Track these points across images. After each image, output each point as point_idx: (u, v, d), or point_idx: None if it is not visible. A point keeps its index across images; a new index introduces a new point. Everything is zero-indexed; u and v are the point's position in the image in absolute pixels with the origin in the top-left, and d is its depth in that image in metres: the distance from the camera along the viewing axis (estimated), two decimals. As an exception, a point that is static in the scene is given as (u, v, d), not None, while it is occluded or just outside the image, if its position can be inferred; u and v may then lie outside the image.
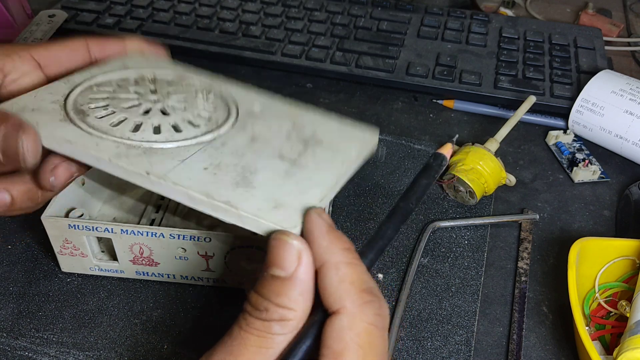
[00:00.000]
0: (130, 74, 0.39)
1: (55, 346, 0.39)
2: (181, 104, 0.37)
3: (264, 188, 0.32)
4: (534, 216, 0.49)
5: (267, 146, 0.35)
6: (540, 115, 0.60)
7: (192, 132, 0.35)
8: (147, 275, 0.43)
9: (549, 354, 0.40)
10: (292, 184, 0.32)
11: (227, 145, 0.35)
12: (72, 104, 0.36)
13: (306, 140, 0.35)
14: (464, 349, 0.40)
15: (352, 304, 0.26)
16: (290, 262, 0.27)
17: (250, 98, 0.39)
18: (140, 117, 0.35)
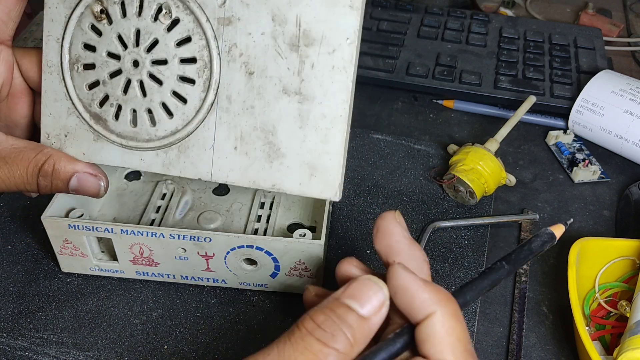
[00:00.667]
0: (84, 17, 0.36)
1: (55, 346, 0.39)
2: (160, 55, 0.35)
3: (291, 151, 0.35)
4: (534, 216, 0.49)
5: (266, 79, 0.34)
6: (540, 115, 0.60)
7: (195, 94, 0.35)
8: (147, 275, 0.43)
9: (549, 354, 0.40)
10: (311, 131, 0.34)
11: (233, 99, 0.35)
12: (84, 108, 0.37)
13: (295, 43, 0.34)
14: (464, 349, 0.40)
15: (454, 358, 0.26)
16: (373, 306, 0.27)
17: None
18: (143, 100, 0.36)
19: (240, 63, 0.34)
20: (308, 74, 0.34)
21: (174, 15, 0.35)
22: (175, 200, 0.47)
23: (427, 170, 0.53)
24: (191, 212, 0.46)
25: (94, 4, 0.36)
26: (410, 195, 0.51)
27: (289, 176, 0.35)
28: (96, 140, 0.38)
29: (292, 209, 0.47)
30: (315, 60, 0.33)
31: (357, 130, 0.58)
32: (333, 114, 0.34)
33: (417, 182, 0.52)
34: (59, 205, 0.42)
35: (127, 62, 0.36)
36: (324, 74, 0.33)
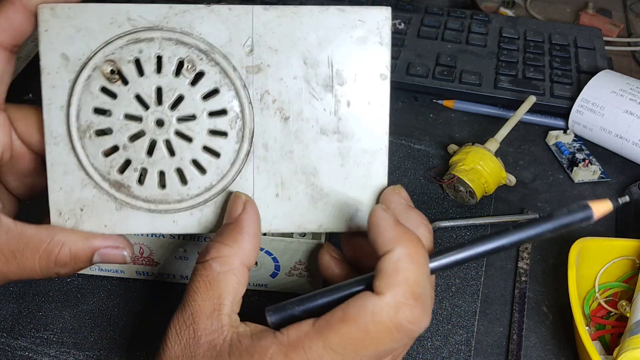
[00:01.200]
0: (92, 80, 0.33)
1: (55, 346, 0.39)
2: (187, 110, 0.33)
3: (334, 191, 0.34)
4: (534, 216, 0.49)
5: (302, 123, 0.33)
6: (540, 115, 0.60)
7: (229, 147, 0.33)
8: (147, 275, 0.43)
9: (549, 354, 0.40)
10: (354, 168, 0.34)
11: (269, 147, 0.33)
12: (101, 178, 0.33)
13: (329, 84, 0.33)
14: (464, 348, 0.40)
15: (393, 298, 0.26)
16: (236, 210, 0.31)
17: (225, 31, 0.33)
18: (171, 160, 0.33)
19: (274, 109, 0.33)
20: (345, 112, 0.33)
21: (198, 68, 0.32)
22: None
23: (427, 170, 0.53)
24: None
25: (104, 64, 0.32)
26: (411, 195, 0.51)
27: (335, 215, 0.34)
28: (119, 209, 0.34)
29: None
30: (350, 99, 0.33)
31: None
32: (373, 148, 0.34)
33: (417, 182, 0.52)
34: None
35: (150, 122, 0.33)
36: (361, 111, 0.33)
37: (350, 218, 0.34)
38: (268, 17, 0.33)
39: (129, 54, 0.32)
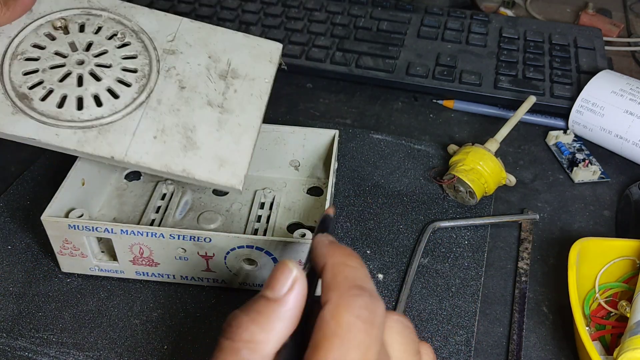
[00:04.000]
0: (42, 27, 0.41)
1: (55, 346, 0.39)
2: (106, 61, 0.41)
3: (206, 145, 0.39)
4: (534, 216, 0.49)
5: (195, 94, 0.41)
6: (540, 116, 0.60)
7: (128, 94, 0.40)
8: (147, 275, 0.43)
9: (549, 354, 0.40)
10: (227, 134, 0.40)
11: (162, 102, 0.40)
12: (11, 88, 0.39)
13: (224, 75, 0.42)
14: (464, 349, 0.40)
15: (338, 296, 0.25)
16: (282, 286, 0.26)
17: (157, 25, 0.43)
18: (77, 89, 0.39)
19: (176, 80, 0.41)
20: (231, 95, 0.41)
21: (126, 39, 0.42)
22: (175, 200, 0.47)
23: (427, 171, 0.53)
24: (191, 212, 0.46)
25: (56, 20, 0.41)
26: (410, 196, 0.51)
27: (200, 165, 0.39)
28: (14, 114, 0.38)
29: (292, 209, 0.47)
30: (238, 88, 0.42)
31: (357, 130, 0.58)
32: (247, 125, 0.41)
33: (417, 182, 0.52)
34: (58, 205, 0.42)
35: (72, 60, 0.40)
36: (244, 97, 0.41)
37: (211, 171, 0.39)
38: (192, 26, 0.44)
39: (79, 19, 0.42)
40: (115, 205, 0.47)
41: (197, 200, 0.47)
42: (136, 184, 0.49)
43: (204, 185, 0.39)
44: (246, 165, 0.40)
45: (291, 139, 0.48)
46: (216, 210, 0.46)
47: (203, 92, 0.41)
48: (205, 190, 0.48)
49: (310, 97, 0.62)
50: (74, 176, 0.43)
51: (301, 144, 0.49)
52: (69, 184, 0.43)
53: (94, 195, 0.46)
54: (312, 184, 0.50)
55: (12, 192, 0.50)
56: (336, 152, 0.48)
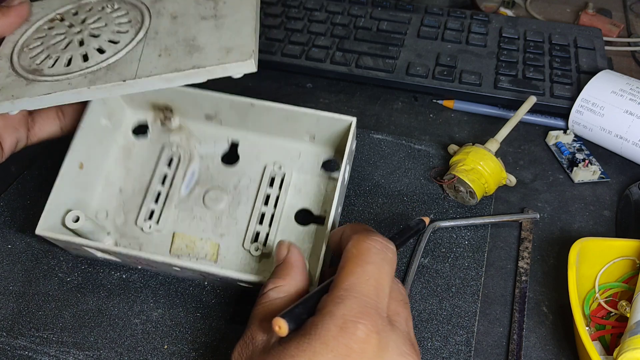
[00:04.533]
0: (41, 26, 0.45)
1: (55, 346, 0.39)
2: (101, 23, 0.44)
3: (209, 44, 0.40)
4: (535, 215, 0.49)
5: (187, 17, 0.43)
6: (540, 115, 0.60)
7: (126, 37, 0.42)
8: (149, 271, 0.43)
9: (549, 354, 0.41)
10: (227, 31, 0.41)
11: (159, 32, 0.42)
12: (22, 69, 0.41)
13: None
14: (464, 349, 0.40)
15: (357, 235, 0.33)
16: (282, 253, 0.37)
17: None
18: (80, 49, 0.42)
19: (168, 15, 0.43)
20: (221, 6, 0.43)
21: (116, 6, 0.45)
22: (182, 169, 0.46)
23: (428, 171, 0.53)
24: (198, 187, 0.46)
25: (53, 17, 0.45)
26: (411, 196, 0.51)
27: (208, 57, 0.40)
28: (28, 84, 0.40)
29: (302, 191, 0.46)
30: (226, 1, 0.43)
31: (357, 130, 0.57)
32: (243, 18, 0.42)
33: (418, 182, 0.52)
34: (54, 204, 0.41)
35: (71, 32, 0.44)
36: (234, 2, 0.43)
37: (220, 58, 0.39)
38: None
39: (72, 10, 0.46)
40: (121, 172, 0.46)
41: (205, 172, 0.46)
42: (143, 143, 0.47)
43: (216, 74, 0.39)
44: (252, 44, 0.40)
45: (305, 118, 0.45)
46: (223, 187, 0.45)
47: (195, 13, 0.43)
48: (214, 158, 0.47)
49: (310, 97, 0.62)
50: (69, 163, 0.42)
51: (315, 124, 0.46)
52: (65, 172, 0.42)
53: (91, 182, 0.45)
54: (328, 157, 0.47)
55: (12, 192, 0.50)
56: (353, 136, 0.44)
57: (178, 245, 0.44)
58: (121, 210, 0.45)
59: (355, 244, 0.33)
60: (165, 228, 0.45)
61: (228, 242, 0.44)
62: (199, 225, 0.45)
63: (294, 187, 0.46)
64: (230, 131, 0.48)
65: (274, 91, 0.42)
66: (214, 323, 0.41)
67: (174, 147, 0.47)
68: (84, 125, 0.43)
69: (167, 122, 0.48)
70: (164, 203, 0.45)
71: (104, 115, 0.45)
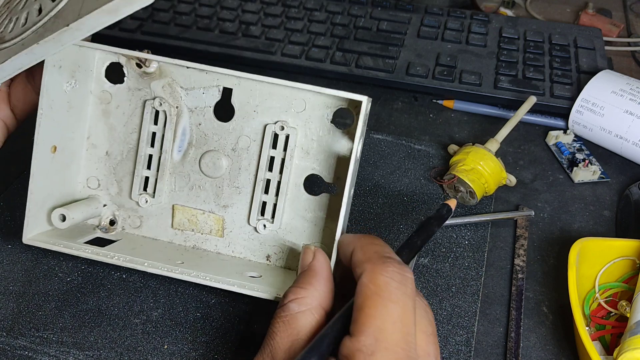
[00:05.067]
0: None
1: (55, 346, 0.39)
2: None
3: None
4: (529, 212, 0.49)
5: None
6: (540, 116, 0.60)
7: None
8: None
9: (549, 354, 0.41)
10: None
11: None
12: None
13: None
14: (464, 349, 0.40)
15: (372, 265, 0.30)
16: (307, 259, 0.35)
17: None
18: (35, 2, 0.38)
19: None
20: None
21: None
22: (171, 127, 0.41)
23: (428, 171, 0.53)
24: (192, 149, 0.42)
25: None
26: (411, 196, 0.51)
27: None
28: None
29: (310, 152, 0.41)
30: None
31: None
32: None
33: (418, 182, 0.52)
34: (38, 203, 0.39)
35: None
36: None
37: None
38: None
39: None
40: (104, 133, 0.43)
41: (196, 129, 0.41)
42: (121, 93, 0.42)
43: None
44: None
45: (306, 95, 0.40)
46: (220, 149, 0.41)
47: None
48: (204, 111, 0.41)
49: (311, 97, 0.62)
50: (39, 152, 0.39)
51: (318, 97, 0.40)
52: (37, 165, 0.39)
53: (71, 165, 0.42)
54: (339, 106, 0.40)
55: (12, 192, 0.50)
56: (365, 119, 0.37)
57: (179, 220, 0.42)
58: (113, 178, 0.43)
59: (372, 279, 0.29)
60: (163, 199, 0.42)
61: (232, 215, 0.42)
62: (199, 195, 0.42)
63: (301, 148, 0.40)
64: (219, 76, 0.40)
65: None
66: (214, 323, 0.41)
67: (157, 100, 0.41)
68: (44, 102, 0.38)
69: (143, 65, 0.41)
70: (157, 169, 0.42)
71: (65, 77, 0.40)
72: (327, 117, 0.40)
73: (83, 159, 0.43)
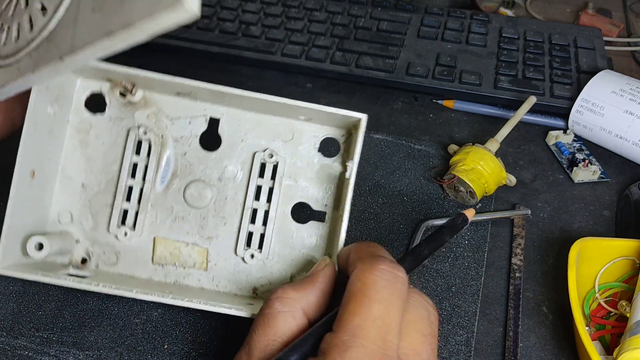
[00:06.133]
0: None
1: (55, 346, 0.39)
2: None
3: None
4: (526, 211, 0.49)
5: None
6: (540, 115, 0.60)
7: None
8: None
9: (549, 354, 0.41)
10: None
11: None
12: None
13: None
14: (464, 349, 0.40)
15: (362, 263, 0.29)
16: (317, 268, 0.33)
17: None
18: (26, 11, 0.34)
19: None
20: None
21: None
22: (155, 157, 0.40)
23: (428, 171, 0.54)
24: (176, 179, 0.40)
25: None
26: (411, 196, 0.51)
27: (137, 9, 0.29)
28: None
29: (298, 181, 0.40)
30: None
31: (357, 130, 0.58)
32: None
33: (418, 182, 0.52)
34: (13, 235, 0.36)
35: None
36: None
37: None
38: None
39: None
40: (80, 164, 0.40)
41: (181, 159, 0.40)
42: (102, 123, 0.40)
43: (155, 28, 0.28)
44: None
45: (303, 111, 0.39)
46: (205, 179, 0.40)
47: None
48: (190, 140, 0.40)
49: (310, 97, 0.62)
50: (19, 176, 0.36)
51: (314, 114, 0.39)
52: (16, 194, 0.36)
53: (47, 188, 0.39)
54: (326, 135, 0.40)
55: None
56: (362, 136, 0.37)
57: (161, 253, 0.40)
58: (88, 211, 0.40)
59: (360, 276, 0.29)
60: (144, 232, 0.40)
61: (217, 246, 0.40)
62: (182, 227, 0.40)
63: (288, 176, 0.40)
64: (207, 106, 0.40)
65: (273, 91, 0.41)
66: (214, 323, 0.41)
67: (142, 129, 0.40)
68: (29, 122, 0.36)
69: (128, 94, 0.39)
70: (138, 201, 0.40)
71: (49, 100, 0.38)
72: (314, 146, 0.40)
73: (56, 191, 0.40)
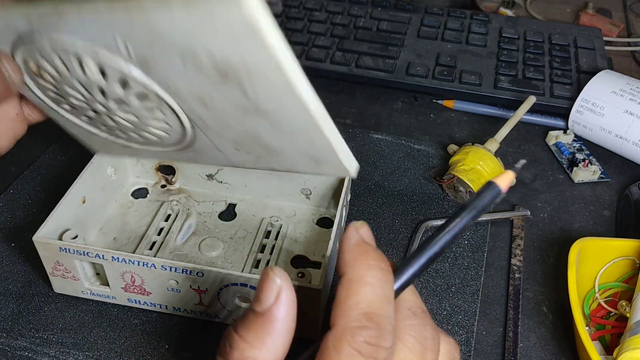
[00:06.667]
0: None
1: (55, 346, 0.39)
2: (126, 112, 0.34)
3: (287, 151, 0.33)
4: (525, 212, 0.49)
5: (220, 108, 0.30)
6: (540, 115, 0.60)
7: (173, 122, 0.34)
8: (138, 303, 0.41)
9: (549, 354, 0.40)
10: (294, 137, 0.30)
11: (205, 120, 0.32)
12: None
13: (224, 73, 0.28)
14: (463, 349, 0.40)
15: (344, 323, 0.23)
16: (268, 298, 0.24)
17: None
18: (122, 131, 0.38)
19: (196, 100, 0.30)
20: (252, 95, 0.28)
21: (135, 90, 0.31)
22: (179, 223, 0.47)
23: (427, 170, 0.53)
24: (194, 237, 0.46)
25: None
26: (410, 195, 0.51)
27: (297, 165, 0.34)
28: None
29: (298, 241, 0.46)
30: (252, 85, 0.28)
31: (357, 130, 0.58)
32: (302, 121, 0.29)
33: (417, 182, 0.52)
34: (53, 224, 0.40)
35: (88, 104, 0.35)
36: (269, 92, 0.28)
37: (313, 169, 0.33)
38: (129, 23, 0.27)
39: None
40: (117, 225, 0.47)
41: (202, 225, 0.47)
42: (142, 203, 0.48)
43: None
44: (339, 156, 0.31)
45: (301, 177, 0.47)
46: (219, 237, 0.46)
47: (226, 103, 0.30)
48: (211, 214, 0.48)
49: (310, 97, 0.62)
50: (74, 194, 0.43)
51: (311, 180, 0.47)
52: (67, 202, 0.42)
53: (95, 213, 0.46)
54: (322, 215, 0.48)
55: (12, 192, 0.50)
56: (348, 186, 0.45)
57: None
58: None
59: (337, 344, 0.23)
60: None
61: None
62: None
63: (290, 238, 0.46)
64: (228, 192, 0.49)
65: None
66: (214, 323, 0.41)
67: (174, 204, 0.48)
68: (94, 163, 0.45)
69: (169, 185, 0.50)
70: (157, 249, 0.45)
71: (110, 163, 0.47)
72: (313, 221, 0.48)
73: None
